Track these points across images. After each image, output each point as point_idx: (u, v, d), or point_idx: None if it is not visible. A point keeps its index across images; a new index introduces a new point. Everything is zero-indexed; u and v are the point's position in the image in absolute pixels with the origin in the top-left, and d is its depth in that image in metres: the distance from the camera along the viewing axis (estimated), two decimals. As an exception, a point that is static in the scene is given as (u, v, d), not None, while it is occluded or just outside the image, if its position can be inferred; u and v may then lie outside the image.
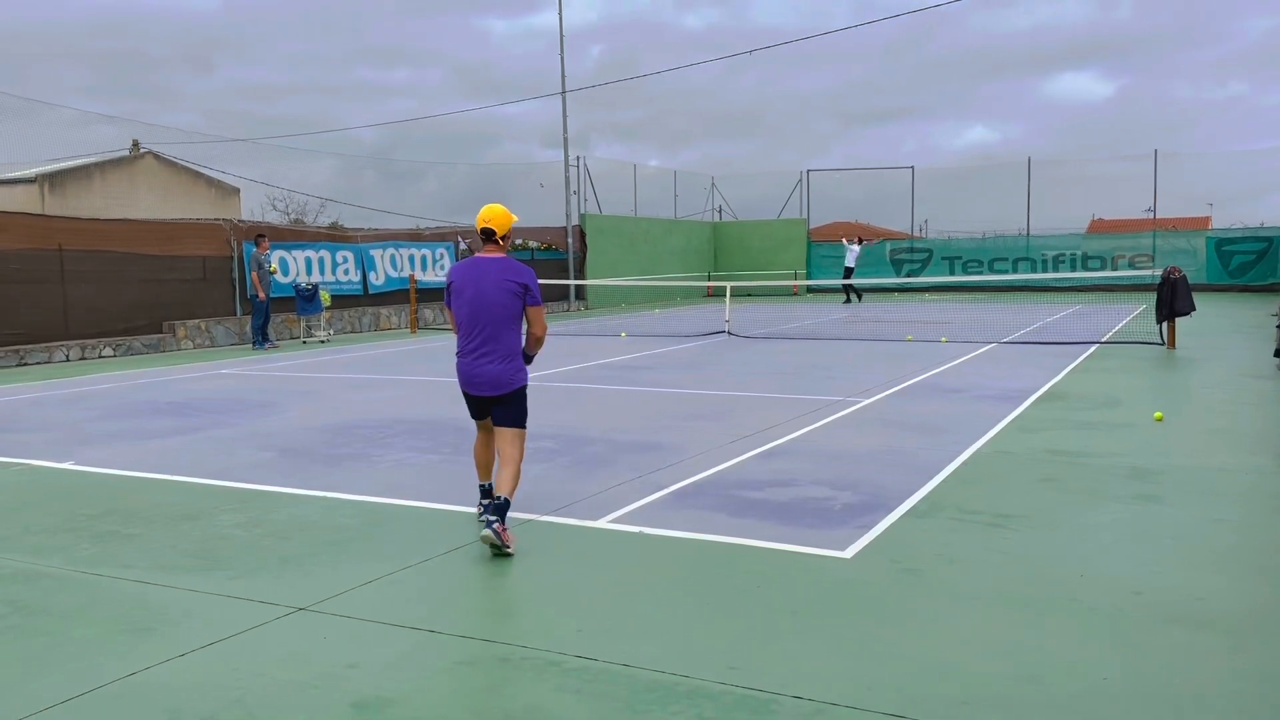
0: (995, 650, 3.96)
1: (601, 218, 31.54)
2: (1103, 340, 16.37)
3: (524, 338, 5.72)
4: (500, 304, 5.51)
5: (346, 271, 22.32)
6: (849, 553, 5.24)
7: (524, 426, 5.66)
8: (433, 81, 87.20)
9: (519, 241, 28.18)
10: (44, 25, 62.96)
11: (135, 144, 32.53)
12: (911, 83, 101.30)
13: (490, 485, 5.75)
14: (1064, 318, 21.81)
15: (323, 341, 19.72)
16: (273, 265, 18.88)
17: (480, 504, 5.75)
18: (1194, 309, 15.46)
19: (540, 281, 5.86)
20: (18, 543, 5.68)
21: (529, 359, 5.73)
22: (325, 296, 20.07)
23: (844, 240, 32.02)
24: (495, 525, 5.26)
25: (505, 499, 5.37)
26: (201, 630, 4.27)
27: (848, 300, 29.64)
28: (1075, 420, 9.06)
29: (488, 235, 5.64)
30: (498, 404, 5.62)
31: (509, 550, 5.27)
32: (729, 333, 18.72)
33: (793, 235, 37.08)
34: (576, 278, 29.30)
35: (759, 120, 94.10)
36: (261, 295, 18.16)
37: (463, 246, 25.77)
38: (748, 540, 5.47)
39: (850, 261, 30.09)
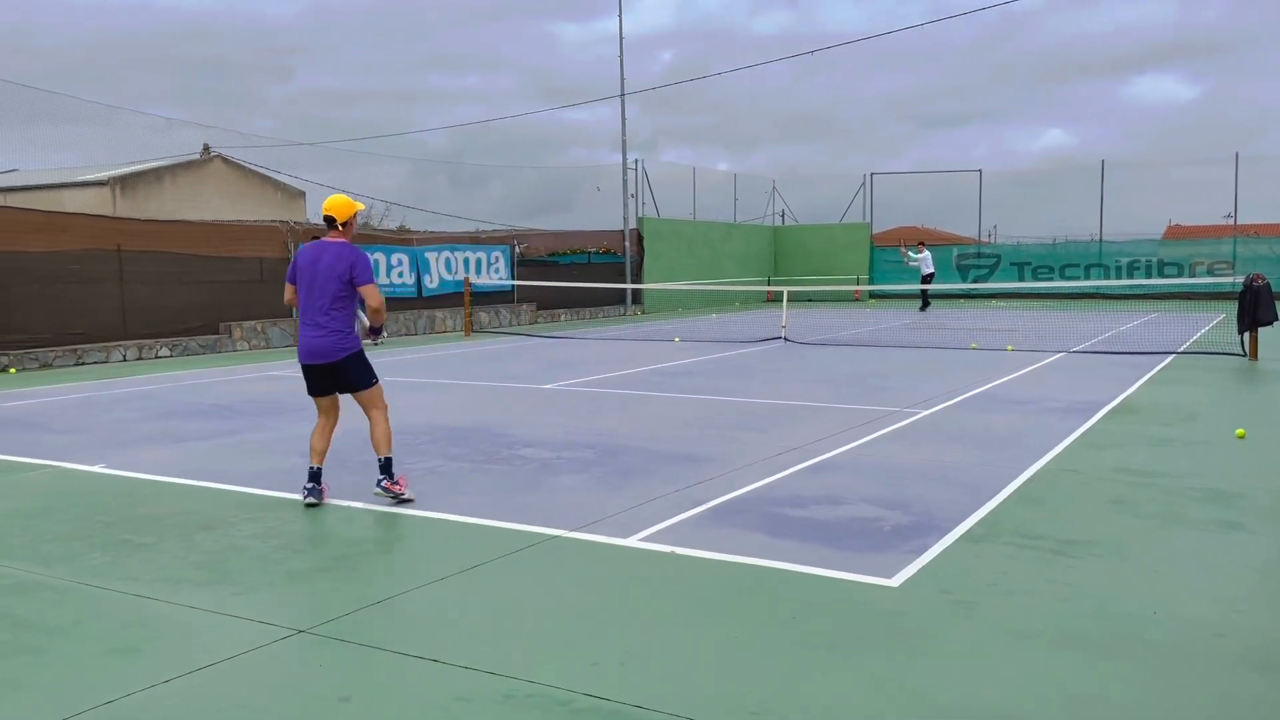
0: (1054, 697, 3.52)
1: (659, 221, 31.20)
2: (1180, 350, 15.59)
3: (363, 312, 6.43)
4: (330, 285, 6.11)
5: (401, 274, 22.28)
6: (896, 581, 4.83)
7: (372, 383, 6.33)
8: (503, 87, 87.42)
9: (575, 246, 28.00)
10: (132, 34, 64.56)
11: (206, 148, 33.06)
12: (987, 85, 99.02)
13: (319, 469, 6.33)
14: (1138, 326, 20.94)
15: (376, 344, 19.66)
16: (327, 267, 18.84)
17: (305, 486, 6.29)
18: (1277, 318, 14.63)
19: (596, 285, 6.11)
20: (29, 551, 5.50)
21: (377, 330, 6.55)
22: (379, 299, 20.02)
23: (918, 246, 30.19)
24: (384, 483, 6.18)
25: (386, 458, 6.23)
26: (192, 653, 4.01)
27: (925, 306, 28.50)
28: (1149, 436, 8.48)
29: (329, 222, 6.25)
30: (335, 375, 6.25)
31: (407, 496, 6.22)
32: (785, 339, 18.25)
33: (855, 239, 36.39)
34: (633, 282, 28.99)
35: (830, 124, 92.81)
36: (315, 297, 18.14)
37: (518, 250, 25.63)
38: (787, 564, 5.08)
39: (927, 268, 28.63)
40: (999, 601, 4.55)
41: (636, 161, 30.42)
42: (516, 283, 24.82)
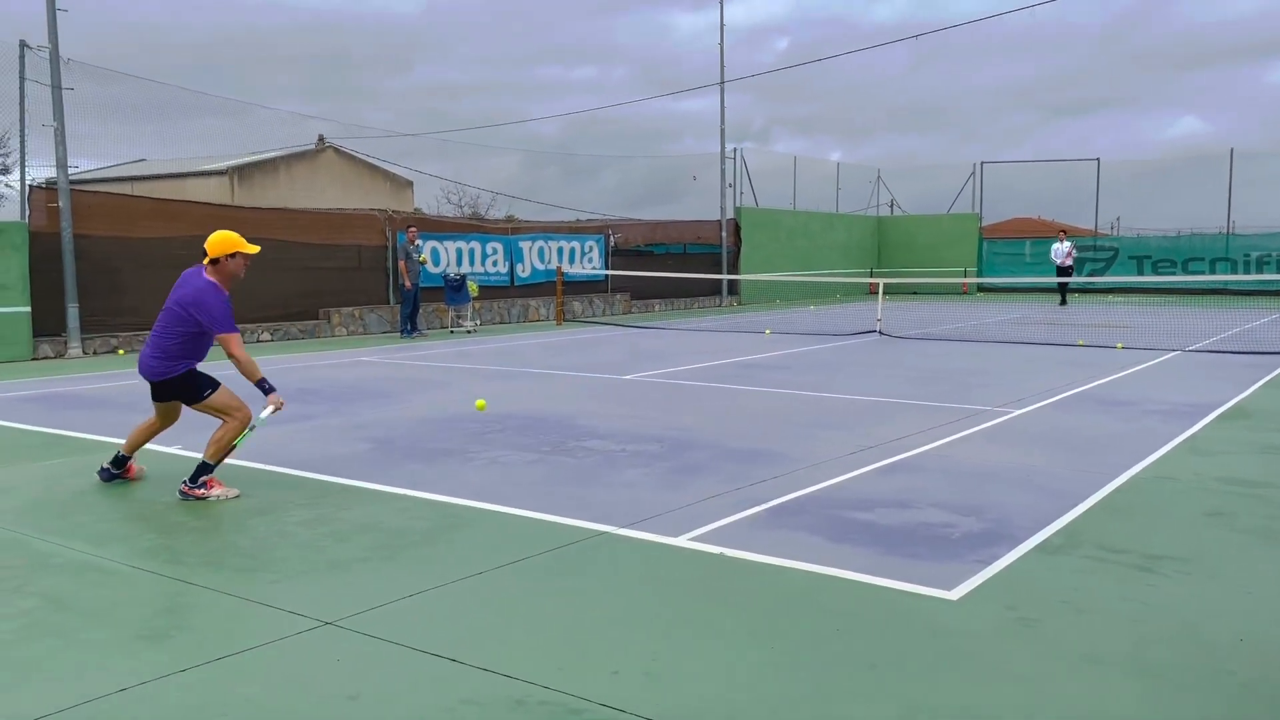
0: (1111, 736, 3.19)
1: (757, 211, 30.75)
2: (1307, 351, 14.56)
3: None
4: (169, 312, 6.36)
5: (495, 263, 22.45)
6: (956, 594, 4.50)
7: (204, 396, 6.38)
8: (618, 78, 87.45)
9: (671, 236, 27.75)
10: (264, 30, 66.92)
11: (321, 139, 33.98)
12: (1119, 71, 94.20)
13: (124, 456, 6.68)
14: (1264, 324, 19.70)
15: (469, 331, 19.85)
16: (423, 255, 19.09)
17: (103, 466, 6.71)
18: None
19: (691, 276, 5.92)
20: (88, 530, 5.59)
21: (265, 388, 6.30)
22: (473, 287, 20.20)
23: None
24: (182, 487, 6.22)
25: (202, 461, 6.28)
26: (216, 641, 3.96)
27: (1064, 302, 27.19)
28: (1260, 443, 7.87)
29: (205, 254, 6.43)
30: (163, 391, 6.47)
31: (212, 497, 6.20)
32: (880, 332, 17.72)
33: (964, 231, 35.25)
34: (730, 273, 28.64)
35: (950, 113, 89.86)
36: (408, 284, 18.40)
37: (613, 240, 25.55)
38: (841, 571, 4.80)
39: (1059, 259, 27.21)
40: (1068, 621, 4.20)
41: (735, 151, 30.05)
42: (610, 272, 24.78)
